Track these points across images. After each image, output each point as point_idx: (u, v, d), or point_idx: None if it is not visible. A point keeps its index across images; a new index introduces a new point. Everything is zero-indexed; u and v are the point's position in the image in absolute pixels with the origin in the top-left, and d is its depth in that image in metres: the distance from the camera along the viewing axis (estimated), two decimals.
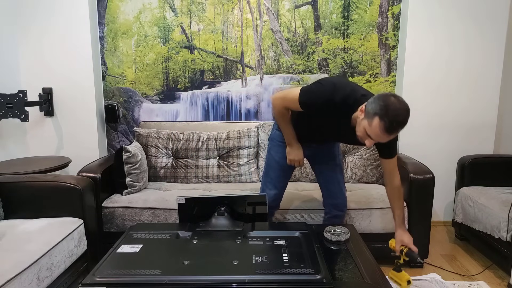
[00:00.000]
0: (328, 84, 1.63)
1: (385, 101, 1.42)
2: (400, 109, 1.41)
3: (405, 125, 1.45)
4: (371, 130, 1.46)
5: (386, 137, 1.47)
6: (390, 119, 1.41)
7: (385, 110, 1.41)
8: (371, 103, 1.47)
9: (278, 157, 1.97)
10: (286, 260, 1.42)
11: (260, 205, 1.80)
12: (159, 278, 1.31)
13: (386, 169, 1.79)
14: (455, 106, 2.93)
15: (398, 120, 1.41)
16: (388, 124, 1.42)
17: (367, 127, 1.48)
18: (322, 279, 1.30)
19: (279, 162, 1.97)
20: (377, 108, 1.43)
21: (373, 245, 2.08)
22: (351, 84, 1.65)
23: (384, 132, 1.44)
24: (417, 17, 2.82)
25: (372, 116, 1.44)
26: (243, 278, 1.30)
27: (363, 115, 1.50)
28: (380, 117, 1.42)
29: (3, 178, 2.07)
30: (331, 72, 3.01)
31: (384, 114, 1.41)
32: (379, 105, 1.42)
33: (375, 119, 1.43)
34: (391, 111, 1.41)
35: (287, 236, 1.65)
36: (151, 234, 1.67)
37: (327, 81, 1.66)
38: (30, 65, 2.85)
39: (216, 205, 1.79)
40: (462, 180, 2.68)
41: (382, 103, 1.42)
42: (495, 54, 2.86)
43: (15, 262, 1.52)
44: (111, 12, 2.94)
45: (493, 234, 2.23)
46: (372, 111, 1.44)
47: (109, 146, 3.11)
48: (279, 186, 2.01)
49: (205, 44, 3.00)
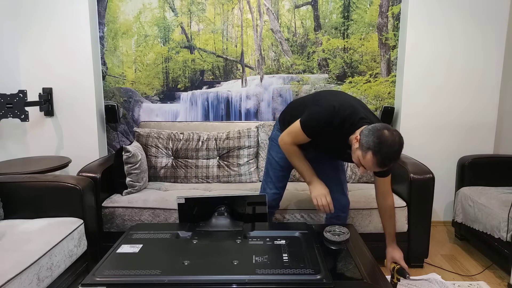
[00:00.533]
0: (328, 107, 1.66)
1: (379, 138, 1.46)
2: (393, 146, 1.46)
3: (397, 160, 1.51)
4: (365, 162, 1.52)
5: (378, 169, 1.54)
6: (382, 156, 1.47)
7: (379, 147, 1.46)
8: (366, 135, 1.51)
9: (279, 157, 1.97)
10: (286, 260, 1.42)
11: (260, 205, 1.80)
12: (159, 278, 1.31)
13: (380, 188, 1.81)
14: (455, 106, 2.93)
15: (389, 158, 1.47)
16: (380, 161, 1.48)
17: (361, 158, 1.53)
18: (322, 279, 1.30)
19: (279, 163, 1.97)
20: (371, 144, 1.48)
21: (373, 245, 2.08)
22: (352, 106, 1.66)
23: (376, 166, 1.51)
24: (417, 17, 2.82)
25: (366, 149, 1.49)
26: (243, 278, 1.30)
27: (358, 144, 1.54)
28: (373, 152, 1.47)
29: (3, 178, 2.07)
30: (331, 72, 3.01)
31: (377, 150, 1.46)
32: (373, 141, 1.47)
33: (368, 153, 1.49)
34: (384, 149, 1.46)
35: (287, 236, 1.65)
36: (151, 234, 1.66)
37: (327, 104, 1.67)
38: (30, 65, 2.85)
39: (216, 205, 1.79)
40: (462, 180, 2.68)
41: (376, 139, 1.47)
42: (495, 54, 2.86)
43: (15, 262, 1.52)
44: (111, 12, 2.94)
45: (493, 234, 2.23)
46: (366, 145, 1.49)
47: (109, 146, 3.11)
48: (279, 186, 2.01)
49: (205, 44, 3.00)
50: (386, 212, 1.83)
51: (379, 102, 3.03)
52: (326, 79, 3.02)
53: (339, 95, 1.77)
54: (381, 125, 1.51)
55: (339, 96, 1.74)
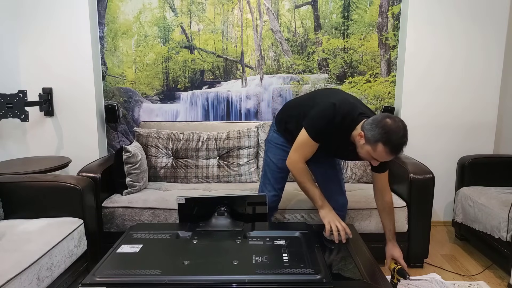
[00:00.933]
0: (328, 106, 1.65)
1: (384, 127, 1.48)
2: (399, 132, 1.48)
3: (406, 144, 1.52)
4: (377, 154, 1.53)
5: (392, 157, 1.55)
6: (394, 144, 1.48)
7: (387, 136, 1.47)
8: (369, 130, 1.51)
9: (276, 159, 1.96)
10: (286, 260, 1.42)
11: (260, 205, 1.80)
12: (159, 278, 1.31)
13: (378, 184, 1.81)
14: (455, 106, 2.93)
15: (401, 142, 1.49)
16: (393, 148, 1.49)
17: (371, 152, 1.54)
18: (322, 279, 1.30)
19: (277, 164, 1.96)
20: (378, 136, 1.49)
21: (373, 245, 2.07)
22: (350, 103, 1.67)
23: (390, 155, 1.52)
24: (417, 17, 2.82)
25: (374, 142, 1.51)
26: (243, 278, 1.30)
27: (363, 140, 1.55)
28: (383, 143, 1.48)
29: (3, 178, 2.07)
30: (331, 72, 3.01)
31: (387, 140, 1.48)
32: (379, 133, 1.49)
33: (378, 145, 1.50)
34: (393, 136, 1.47)
35: (287, 236, 1.65)
36: (151, 234, 1.66)
37: (326, 103, 1.66)
38: (30, 65, 2.85)
39: (216, 205, 1.79)
40: (462, 180, 2.68)
41: (382, 130, 1.48)
42: (495, 54, 2.86)
43: (15, 262, 1.52)
44: (111, 12, 2.94)
45: (493, 234, 2.23)
46: (374, 139, 1.50)
47: (109, 146, 3.11)
48: (277, 187, 2.00)
49: (205, 44, 3.00)
50: (385, 209, 1.83)
51: (379, 102, 3.03)
52: (326, 79, 3.02)
53: (335, 92, 1.77)
54: (381, 116, 1.52)
55: (336, 94, 1.74)
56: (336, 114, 1.63)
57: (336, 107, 1.63)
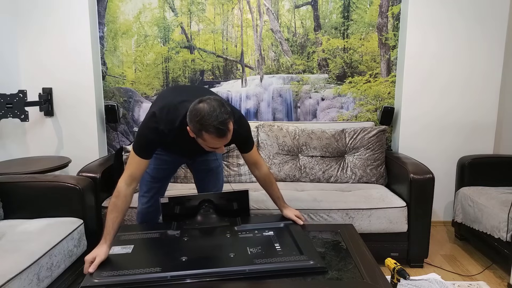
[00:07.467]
0: (148, 117, 1.58)
1: (198, 115, 1.39)
2: (214, 111, 1.38)
3: (231, 118, 1.42)
4: (209, 143, 1.45)
5: (225, 141, 1.45)
6: (214, 127, 1.38)
7: (204, 123, 1.38)
8: (190, 122, 1.43)
9: (150, 168, 1.88)
10: (279, 250, 1.49)
11: (243, 201, 1.83)
12: (161, 274, 1.32)
13: (250, 161, 1.79)
14: (455, 106, 2.93)
15: (221, 122, 1.38)
16: (217, 131, 1.39)
17: (203, 143, 1.47)
18: (316, 264, 1.39)
19: (150, 173, 1.91)
20: (197, 126, 1.40)
21: (373, 245, 2.07)
22: (169, 103, 1.56)
23: (221, 138, 1.42)
24: (417, 17, 2.82)
25: (199, 133, 1.42)
26: (243, 268, 1.36)
27: (193, 134, 1.47)
28: (205, 130, 1.39)
29: (3, 178, 2.07)
30: (331, 72, 3.01)
31: (205, 126, 1.38)
32: (197, 122, 1.39)
33: (203, 134, 1.41)
34: (208, 120, 1.37)
35: (274, 227, 1.72)
36: (139, 235, 1.66)
37: (149, 113, 1.59)
38: (30, 65, 2.85)
39: (200, 203, 1.80)
40: (462, 180, 2.68)
41: (197, 118, 1.39)
42: (495, 54, 2.86)
43: (15, 262, 1.52)
44: (111, 12, 2.94)
45: (493, 234, 2.23)
46: (196, 130, 1.42)
47: (109, 146, 3.11)
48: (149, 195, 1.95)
49: (205, 44, 3.00)
50: (265, 180, 1.83)
51: (379, 102, 3.03)
52: (326, 79, 3.02)
53: (165, 96, 1.68)
54: (193, 104, 1.43)
55: (164, 98, 1.64)
56: (159, 122, 1.53)
57: (157, 116, 1.54)
